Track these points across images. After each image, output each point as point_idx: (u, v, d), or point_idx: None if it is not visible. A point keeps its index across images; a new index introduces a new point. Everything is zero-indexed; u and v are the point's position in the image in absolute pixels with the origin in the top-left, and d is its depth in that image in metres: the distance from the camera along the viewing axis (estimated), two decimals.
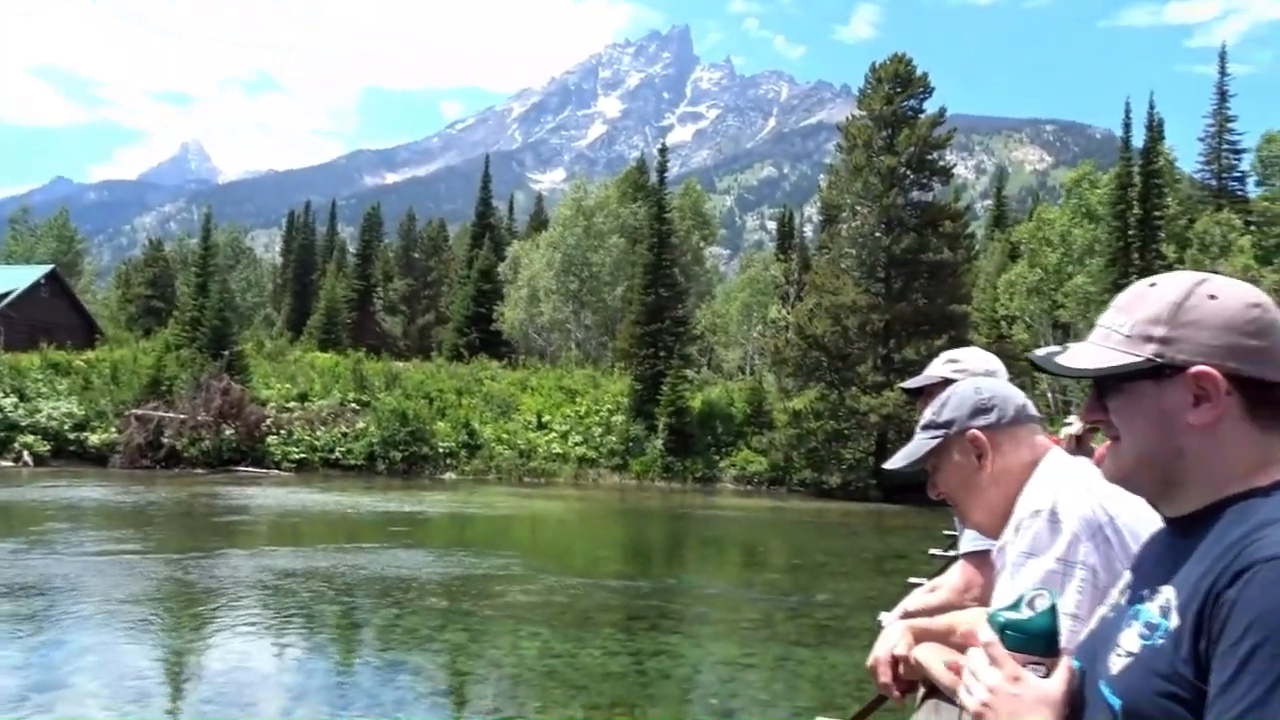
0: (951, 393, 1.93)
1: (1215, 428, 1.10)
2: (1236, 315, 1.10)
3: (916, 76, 39.03)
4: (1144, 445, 1.15)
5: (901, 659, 2.02)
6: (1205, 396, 1.10)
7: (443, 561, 16.41)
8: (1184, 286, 1.15)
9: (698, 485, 36.47)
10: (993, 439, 1.84)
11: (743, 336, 53.92)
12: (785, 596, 14.84)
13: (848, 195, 39.15)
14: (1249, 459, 1.10)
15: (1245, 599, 0.96)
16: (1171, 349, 1.12)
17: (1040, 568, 1.60)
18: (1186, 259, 46.04)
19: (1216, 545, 1.05)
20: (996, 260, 53.27)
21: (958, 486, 1.88)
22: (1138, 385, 1.15)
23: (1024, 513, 1.68)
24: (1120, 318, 1.18)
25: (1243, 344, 1.09)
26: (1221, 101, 53.66)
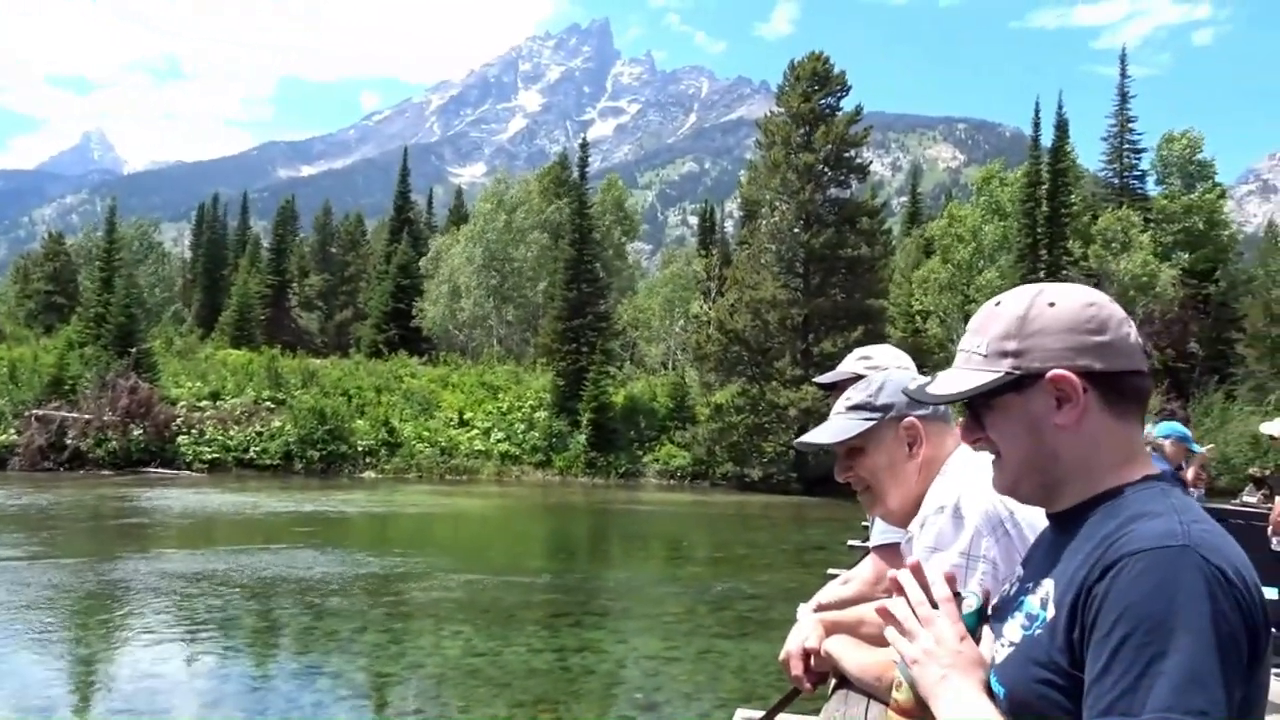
0: (886, 378, 1.95)
1: (1080, 426, 1.16)
2: (1076, 316, 1.16)
3: (834, 75, 39.67)
4: (1022, 454, 1.20)
5: (813, 651, 2.06)
6: (1065, 398, 1.16)
7: (362, 562, 16.15)
8: (1025, 299, 1.21)
9: (621, 480, 36.56)
10: (926, 429, 1.88)
11: (665, 332, 54.14)
12: (707, 589, 14.98)
13: (767, 191, 39.61)
14: (1116, 452, 1.16)
15: (1115, 591, 1.00)
16: (1025, 359, 1.17)
17: (945, 561, 1.66)
18: (1090, 255, 47.79)
19: (1089, 540, 1.10)
20: (911, 256, 54.53)
21: (883, 470, 1.89)
22: (1004, 399, 1.20)
23: (929, 508, 1.74)
24: (976, 339, 1.24)
25: (1087, 341, 1.15)
26: (1123, 103, 55.74)
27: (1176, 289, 48.80)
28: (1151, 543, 1.02)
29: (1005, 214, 48.58)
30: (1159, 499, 1.11)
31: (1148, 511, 1.08)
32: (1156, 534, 1.03)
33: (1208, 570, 0.98)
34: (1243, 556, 1.04)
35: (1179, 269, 49.55)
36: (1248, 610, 0.98)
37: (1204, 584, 0.98)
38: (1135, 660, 0.96)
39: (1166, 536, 1.02)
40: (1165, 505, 1.09)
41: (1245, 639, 0.98)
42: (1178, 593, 0.97)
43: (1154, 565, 1.00)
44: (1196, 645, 0.95)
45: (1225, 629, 0.96)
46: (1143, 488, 1.14)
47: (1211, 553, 1.00)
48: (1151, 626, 0.96)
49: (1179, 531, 1.03)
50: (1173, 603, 0.97)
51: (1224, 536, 1.05)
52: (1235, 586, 0.99)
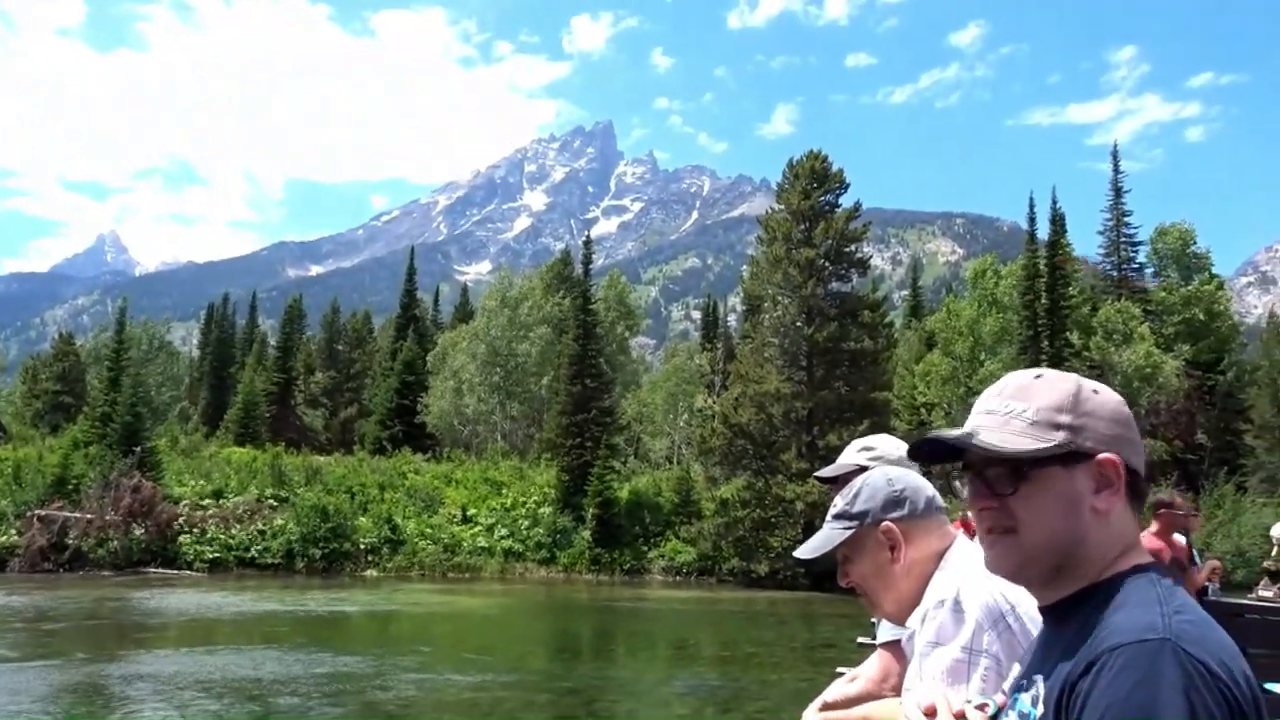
0: (864, 483, 1.98)
1: (1110, 514, 1.18)
2: (1117, 410, 1.21)
3: (832, 173, 40.51)
4: (1049, 531, 1.18)
5: None
6: (1108, 483, 1.17)
7: (364, 661, 15.83)
8: (1072, 381, 1.23)
9: (626, 577, 36.02)
10: (905, 531, 1.90)
11: (669, 426, 54.07)
12: (715, 689, 14.63)
13: (769, 286, 40.04)
14: (1124, 541, 1.18)
15: (1096, 689, 1.01)
16: (1079, 437, 1.18)
17: (947, 656, 1.66)
18: (1092, 346, 47.96)
19: (1081, 634, 1.10)
20: (914, 349, 54.77)
21: (870, 577, 1.93)
22: (1048, 471, 1.18)
23: (930, 602, 1.74)
24: (1019, 404, 1.21)
25: (1125, 435, 1.19)
26: (1117, 197, 56.69)
27: (1181, 380, 48.82)
28: (1132, 636, 1.02)
29: (1003, 306, 48.94)
30: (1146, 589, 1.11)
31: (1131, 601, 1.09)
32: (1138, 627, 1.03)
33: (1189, 664, 0.98)
34: (1231, 648, 1.04)
35: (1182, 360, 49.65)
36: (1234, 703, 0.97)
37: (1183, 678, 0.97)
38: None
39: (1147, 630, 1.02)
40: (1150, 596, 1.09)
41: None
42: (1159, 686, 0.97)
43: (1134, 661, 0.99)
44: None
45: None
46: (1133, 577, 1.15)
47: (1194, 645, 1.00)
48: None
49: (1160, 624, 1.03)
50: (1154, 697, 0.96)
51: (1210, 627, 1.06)
52: (1220, 679, 0.98)
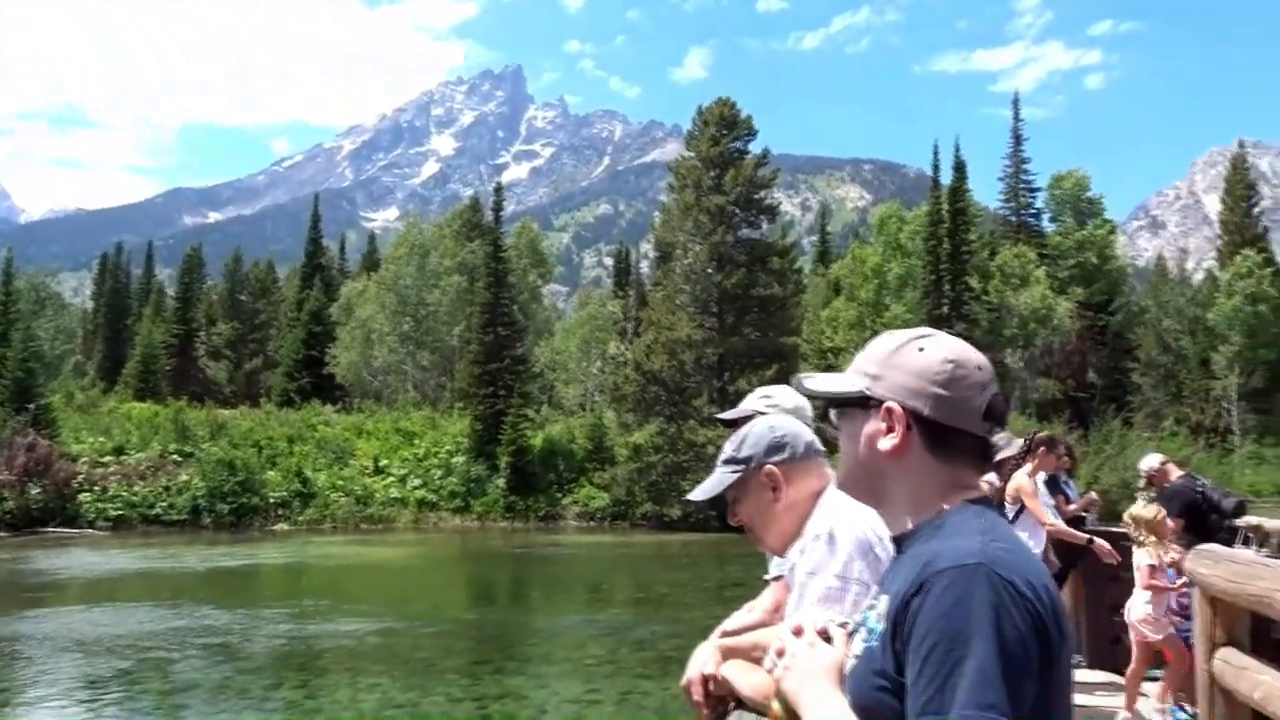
0: (749, 430, 2.15)
1: (902, 455, 1.33)
2: (929, 366, 1.33)
3: (741, 119, 40.68)
4: (852, 461, 1.39)
5: (710, 677, 2.18)
6: (890, 428, 1.33)
7: (276, 616, 15.73)
8: (904, 338, 1.39)
9: (541, 523, 36.32)
10: (786, 473, 2.07)
11: (582, 373, 54.24)
12: (629, 630, 14.99)
13: (680, 233, 40.23)
14: (936, 485, 1.33)
15: (925, 607, 1.16)
16: (877, 385, 1.35)
17: (822, 584, 1.83)
18: (991, 289, 49.64)
19: (914, 559, 1.26)
20: (822, 294, 55.83)
21: (756, 515, 2.10)
22: (853, 411, 1.38)
23: (808, 537, 1.91)
24: (859, 356, 1.42)
25: (927, 389, 1.32)
26: (1017, 145, 58.31)
27: (1074, 321, 50.92)
28: (954, 561, 1.18)
29: (907, 252, 50.17)
30: (971, 520, 1.27)
31: (958, 532, 1.24)
32: (960, 553, 1.19)
33: (999, 584, 1.14)
34: (1038, 570, 1.21)
35: (1075, 302, 51.75)
36: (1036, 616, 1.14)
37: (993, 595, 1.13)
38: (941, 666, 1.12)
39: (967, 555, 1.18)
40: (973, 526, 1.25)
41: (1035, 643, 1.13)
42: (972, 605, 1.13)
43: (955, 582, 1.15)
44: (987, 650, 1.10)
45: (1014, 635, 1.12)
46: (960, 510, 1.30)
47: (1004, 568, 1.16)
48: (952, 636, 1.12)
49: (978, 550, 1.19)
50: (968, 615, 1.13)
51: (1022, 553, 1.23)
52: (1025, 596, 1.14)
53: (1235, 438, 48.37)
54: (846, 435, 1.39)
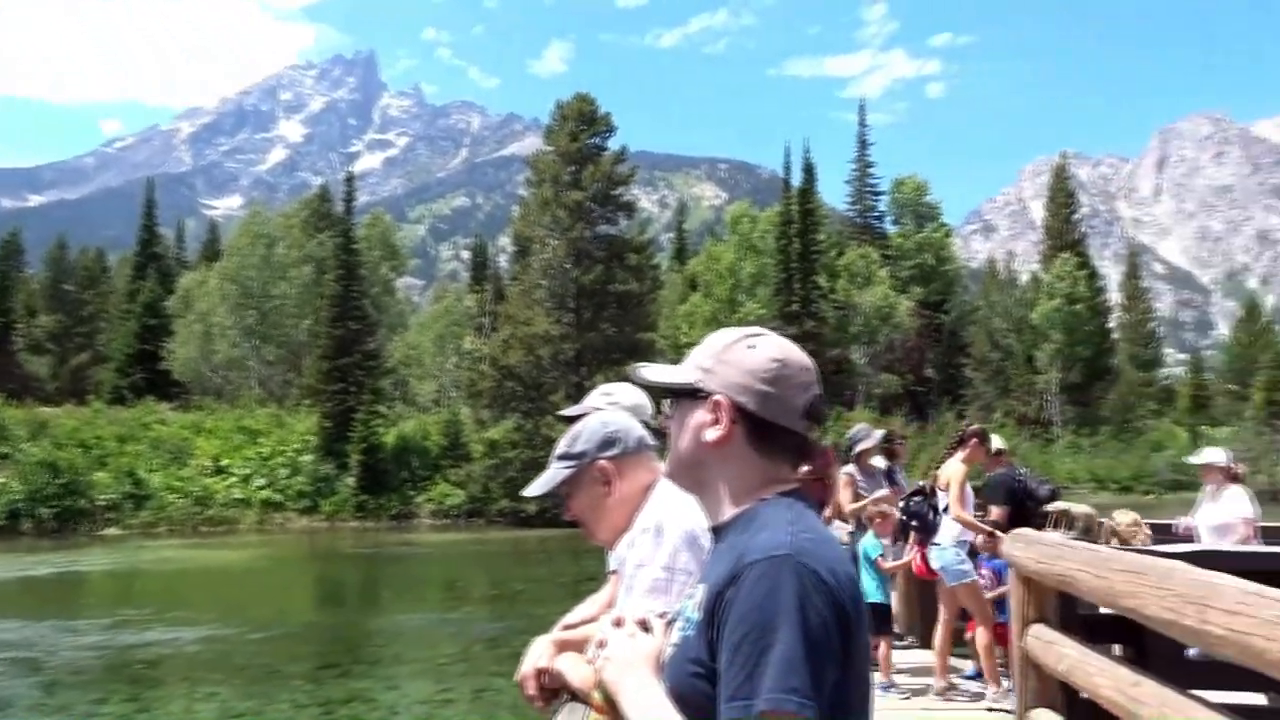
0: (583, 426, 2.19)
1: (725, 447, 1.38)
2: (757, 364, 1.39)
3: (600, 115, 40.85)
4: (680, 450, 1.44)
5: (544, 671, 2.21)
6: (716, 420, 1.38)
7: (101, 627, 14.82)
8: (736, 335, 1.45)
9: (393, 522, 35.53)
10: (618, 467, 2.11)
11: (438, 369, 53.32)
12: (483, 628, 14.86)
13: (538, 228, 40.10)
14: (755, 477, 1.39)
15: (738, 598, 1.22)
16: (708, 379, 1.41)
17: (649, 575, 1.88)
18: (838, 288, 51.57)
19: (730, 550, 1.31)
20: (678, 291, 56.69)
21: (588, 509, 2.15)
22: (684, 402, 1.44)
23: (636, 529, 1.96)
24: (695, 350, 1.48)
25: (754, 386, 1.38)
26: (862, 149, 60.82)
27: (913, 319, 53.49)
28: (763, 553, 1.24)
29: (759, 251, 51.56)
30: (782, 513, 1.33)
31: (769, 524, 1.30)
32: (770, 545, 1.25)
33: (804, 573, 1.21)
34: (842, 559, 1.29)
35: (914, 301, 54.36)
36: (839, 605, 1.22)
37: (799, 585, 1.20)
38: (750, 654, 1.18)
39: (776, 547, 1.24)
40: (784, 518, 1.31)
41: (837, 628, 1.20)
42: (780, 594, 1.20)
43: (765, 572, 1.21)
44: (792, 637, 1.16)
45: (817, 622, 1.18)
46: (773, 503, 1.36)
47: (810, 558, 1.23)
48: (762, 626, 1.18)
49: (787, 542, 1.25)
50: (777, 603, 1.19)
51: (827, 543, 1.29)
52: (828, 585, 1.21)
53: (1056, 429, 51.83)
54: (677, 425, 1.44)
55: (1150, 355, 65.13)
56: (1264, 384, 51.48)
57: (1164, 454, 46.20)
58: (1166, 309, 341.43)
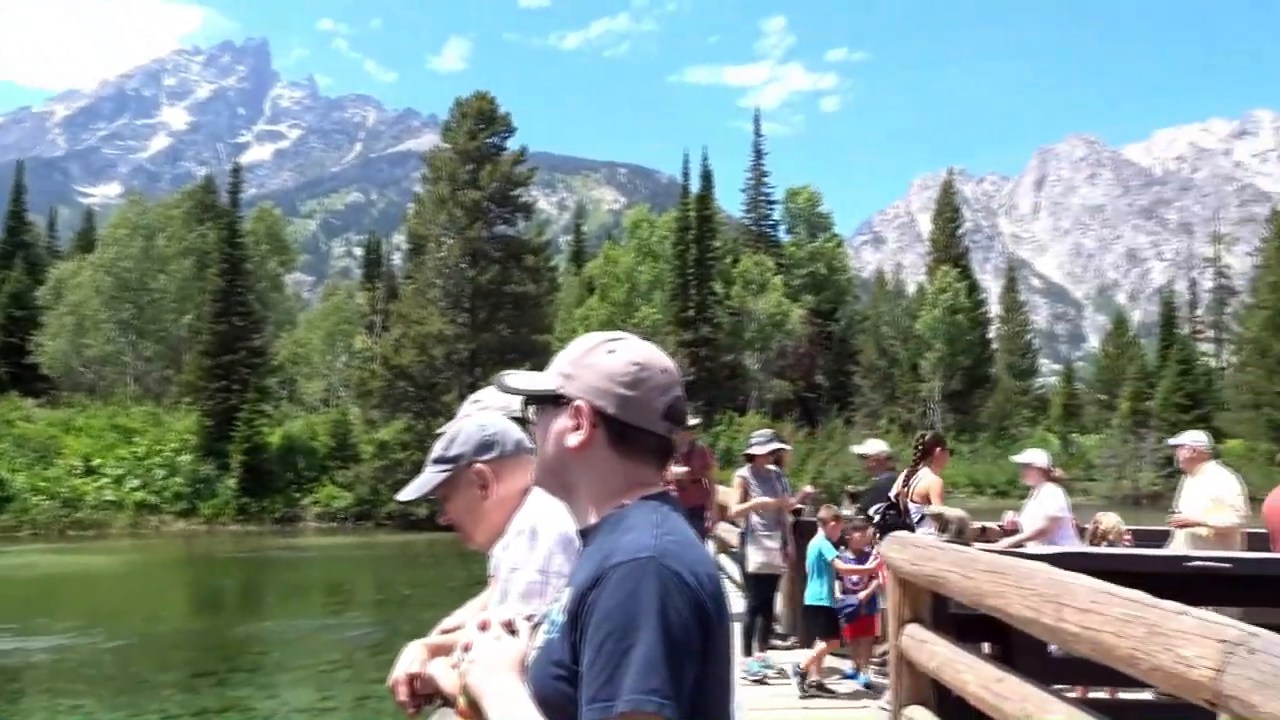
0: (459, 429, 2.16)
1: (587, 451, 1.40)
2: (616, 368, 1.40)
3: (499, 115, 40.53)
4: (544, 455, 1.45)
5: (416, 676, 2.17)
6: (578, 425, 1.39)
7: None
8: (597, 341, 1.46)
9: (277, 525, 34.44)
10: (496, 470, 2.09)
11: (326, 367, 51.98)
12: (368, 632, 14.56)
13: (434, 226, 39.54)
14: (619, 480, 1.40)
15: (600, 599, 1.23)
16: (569, 384, 1.41)
17: (523, 578, 1.87)
18: (733, 294, 52.33)
19: (596, 552, 1.32)
20: (575, 294, 56.64)
21: (465, 513, 2.12)
22: (548, 408, 1.44)
23: (512, 532, 1.94)
24: (559, 355, 1.48)
25: (613, 390, 1.39)
26: (758, 159, 61.84)
27: (805, 327, 54.67)
28: (627, 555, 1.25)
29: (657, 256, 51.95)
30: (648, 515, 1.34)
31: (635, 527, 1.32)
32: (634, 547, 1.26)
33: (666, 575, 1.22)
34: (704, 560, 1.30)
35: (806, 309, 55.56)
36: (700, 605, 1.23)
37: (661, 587, 1.21)
38: (612, 655, 1.19)
39: (639, 549, 1.26)
40: (649, 521, 1.32)
41: (697, 628, 1.21)
42: (641, 595, 1.21)
43: (628, 574, 1.23)
44: (652, 638, 1.17)
45: (677, 622, 1.19)
46: (638, 506, 1.37)
47: (673, 560, 1.25)
48: (623, 626, 1.20)
49: (650, 544, 1.26)
50: (638, 605, 1.20)
51: (690, 545, 1.31)
52: (689, 586, 1.23)
53: None
54: (541, 431, 1.44)
55: (1026, 365, 68.11)
56: (1129, 394, 54.31)
57: None
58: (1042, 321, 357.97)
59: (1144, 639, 2.47)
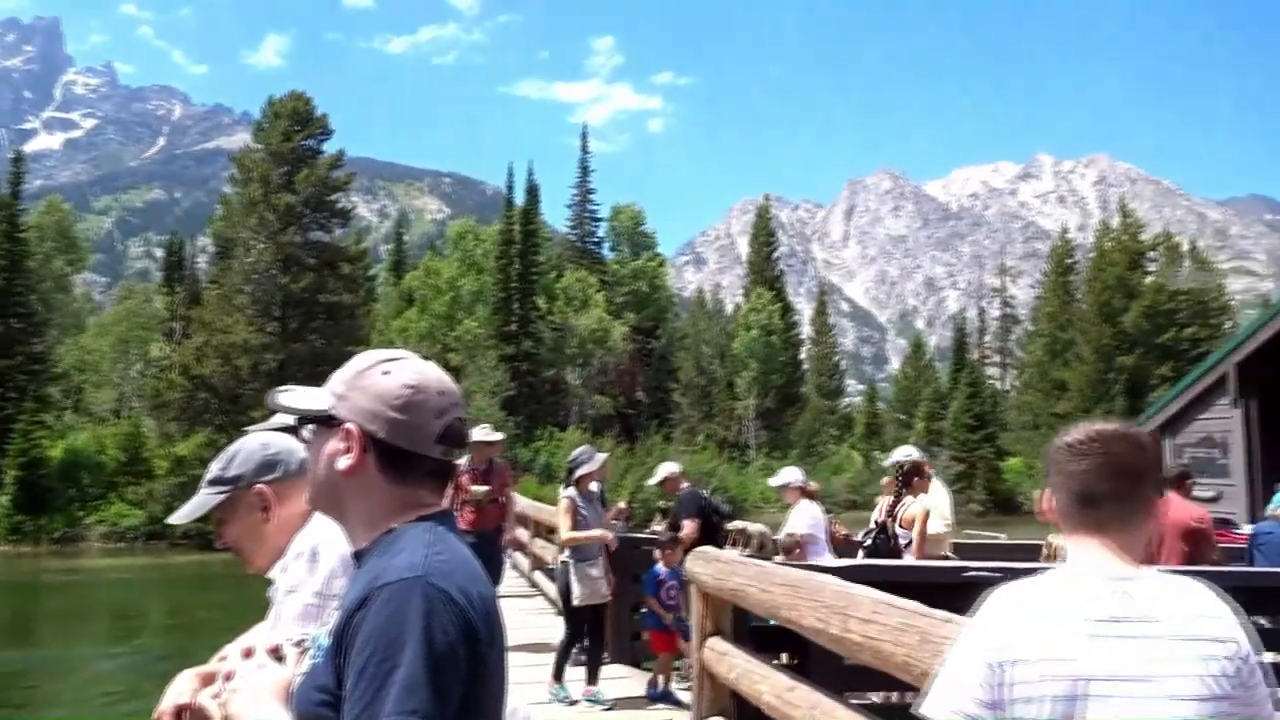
0: (239, 448, 2.04)
1: (358, 475, 1.36)
2: (389, 391, 1.37)
3: (316, 117, 39.16)
4: (315, 477, 1.41)
5: (185, 707, 2.04)
6: (347, 448, 1.36)
7: None
8: (372, 361, 1.43)
9: (57, 546, 31.69)
10: (278, 491, 1.98)
11: (118, 376, 48.38)
12: (158, 659, 13.59)
13: (243, 229, 37.71)
14: (392, 503, 1.37)
15: (366, 621, 1.20)
16: (341, 405, 1.38)
17: (300, 601, 1.79)
18: (556, 310, 52.43)
19: (365, 574, 1.29)
20: (394, 305, 55.20)
21: (245, 537, 2.00)
22: (322, 428, 1.40)
23: (290, 554, 1.86)
24: (335, 374, 1.44)
25: (384, 413, 1.36)
26: (584, 175, 62.33)
27: (626, 343, 55.41)
28: (395, 575, 1.23)
29: (481, 269, 51.42)
30: (421, 535, 1.32)
31: (406, 548, 1.29)
32: (401, 567, 1.24)
33: (433, 594, 1.21)
34: (475, 578, 1.30)
35: (628, 326, 56.32)
36: (467, 624, 1.22)
37: (427, 606, 1.20)
38: (375, 676, 1.16)
39: (408, 569, 1.24)
40: (421, 541, 1.31)
41: (464, 647, 1.20)
42: (407, 615, 1.19)
43: (394, 595, 1.21)
44: (416, 658, 1.16)
45: (443, 641, 1.18)
46: (412, 527, 1.35)
47: (441, 579, 1.23)
48: (387, 646, 1.17)
49: (420, 564, 1.25)
50: (403, 625, 1.19)
51: (461, 564, 1.30)
52: (457, 605, 1.22)
53: (751, 451, 55.52)
54: (314, 452, 1.41)
55: (834, 385, 71.45)
56: (925, 414, 57.92)
57: (842, 476, 50.72)
58: (850, 344, 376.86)
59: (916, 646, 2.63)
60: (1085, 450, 1.63)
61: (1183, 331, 51.16)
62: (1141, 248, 55.54)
